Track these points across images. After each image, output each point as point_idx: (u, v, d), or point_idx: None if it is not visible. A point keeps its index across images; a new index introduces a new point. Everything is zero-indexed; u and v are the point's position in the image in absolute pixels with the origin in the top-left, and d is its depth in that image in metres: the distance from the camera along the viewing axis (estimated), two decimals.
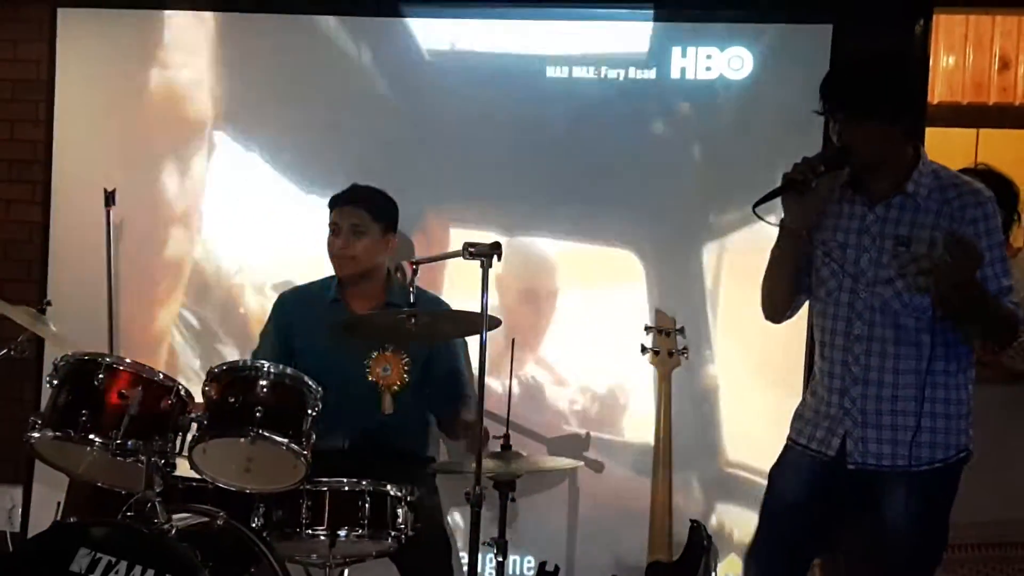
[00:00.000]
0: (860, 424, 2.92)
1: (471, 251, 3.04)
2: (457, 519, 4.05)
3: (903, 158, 2.91)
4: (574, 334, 4.16)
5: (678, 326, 3.85)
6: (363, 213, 3.71)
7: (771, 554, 3.11)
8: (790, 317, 3.12)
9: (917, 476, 2.89)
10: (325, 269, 3.81)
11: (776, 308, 3.09)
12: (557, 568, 3.57)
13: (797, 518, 3.04)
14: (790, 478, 3.06)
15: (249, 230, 4.38)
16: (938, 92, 6.20)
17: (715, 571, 3.64)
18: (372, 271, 3.75)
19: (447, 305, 3.80)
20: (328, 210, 3.78)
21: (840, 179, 2.94)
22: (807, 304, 3.10)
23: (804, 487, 3.03)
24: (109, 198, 4.26)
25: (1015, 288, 2.89)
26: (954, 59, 6.32)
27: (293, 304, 3.87)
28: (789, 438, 3.09)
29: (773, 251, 3.01)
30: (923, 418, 2.89)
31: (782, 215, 2.94)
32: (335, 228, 3.73)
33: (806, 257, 3.01)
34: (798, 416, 3.09)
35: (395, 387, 3.39)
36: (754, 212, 2.85)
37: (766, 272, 3.06)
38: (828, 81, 2.91)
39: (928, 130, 4.17)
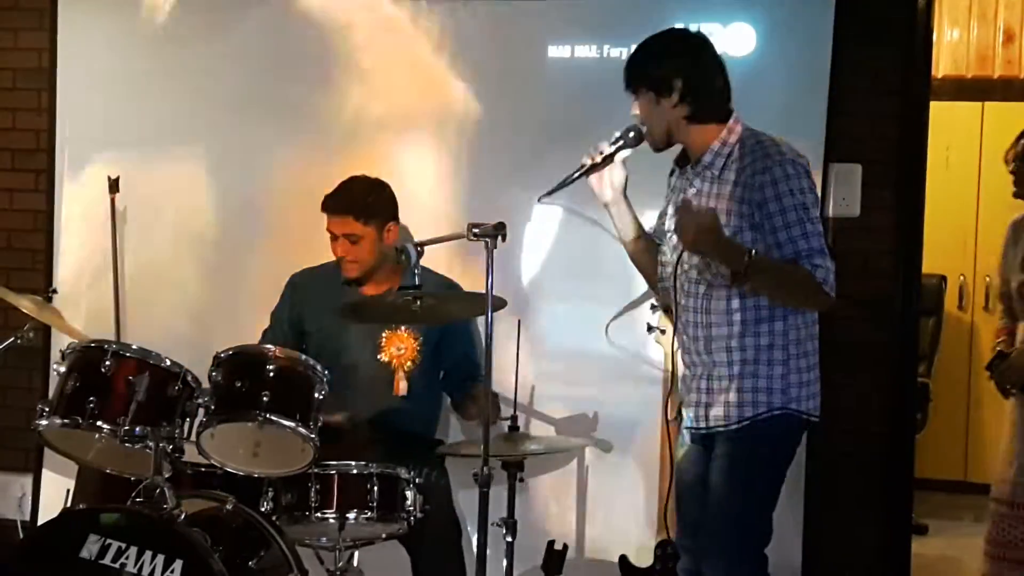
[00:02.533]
0: (691, 389, 3.08)
1: (475, 232, 3.04)
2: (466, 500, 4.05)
3: (699, 133, 3.03)
4: (581, 314, 4.15)
5: None
6: (352, 221, 3.68)
7: (691, 537, 3.16)
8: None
9: (735, 433, 2.99)
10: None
11: (650, 284, 3.28)
12: (565, 547, 3.58)
13: (698, 495, 3.11)
14: (683, 458, 3.19)
15: (259, 216, 4.37)
16: (942, 66, 6.18)
17: None
18: (379, 265, 3.74)
19: (457, 286, 3.80)
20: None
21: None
22: None
23: (692, 464, 3.14)
24: (113, 185, 4.26)
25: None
26: (958, 32, 6.31)
27: (305, 285, 3.87)
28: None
29: None
30: (732, 380, 2.98)
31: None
32: (332, 235, 3.72)
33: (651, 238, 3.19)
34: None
35: (408, 366, 3.39)
36: (539, 200, 3.10)
37: None
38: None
39: (933, 104, 4.18)
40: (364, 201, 3.70)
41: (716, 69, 3.05)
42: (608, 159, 3.10)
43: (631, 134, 3.08)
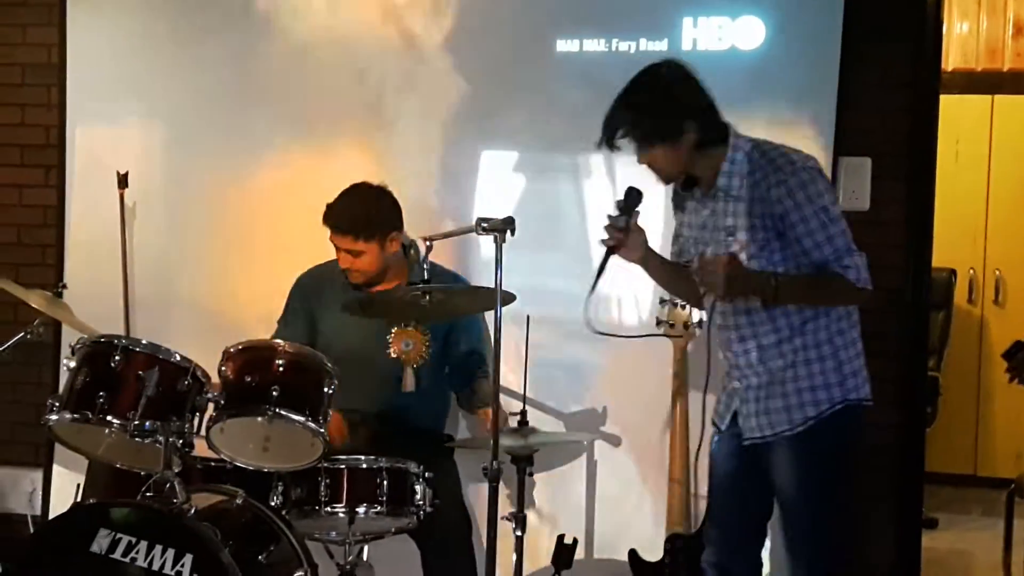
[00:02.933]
0: (745, 401, 3.08)
1: (484, 226, 3.04)
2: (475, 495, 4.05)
3: (708, 158, 3.02)
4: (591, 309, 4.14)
5: None
6: (353, 240, 3.65)
7: (722, 530, 3.19)
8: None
9: (798, 436, 3.00)
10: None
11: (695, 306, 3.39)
12: (575, 541, 3.58)
13: (735, 490, 3.15)
14: (718, 452, 3.19)
15: (266, 213, 4.37)
16: (952, 59, 6.16)
17: None
18: (384, 270, 3.73)
19: (464, 280, 3.80)
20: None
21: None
22: None
23: (731, 459, 3.15)
24: (122, 180, 4.26)
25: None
26: (968, 25, 6.29)
27: (313, 284, 3.87)
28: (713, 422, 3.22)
29: None
30: (787, 384, 3.01)
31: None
32: (336, 248, 3.70)
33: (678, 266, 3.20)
34: (717, 404, 3.21)
35: (417, 362, 3.39)
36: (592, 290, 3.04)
37: None
38: (611, 117, 3.01)
39: (943, 97, 4.17)
40: (365, 218, 3.65)
41: (705, 91, 3.04)
42: (627, 229, 3.05)
43: (635, 195, 3.05)
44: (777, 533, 3.18)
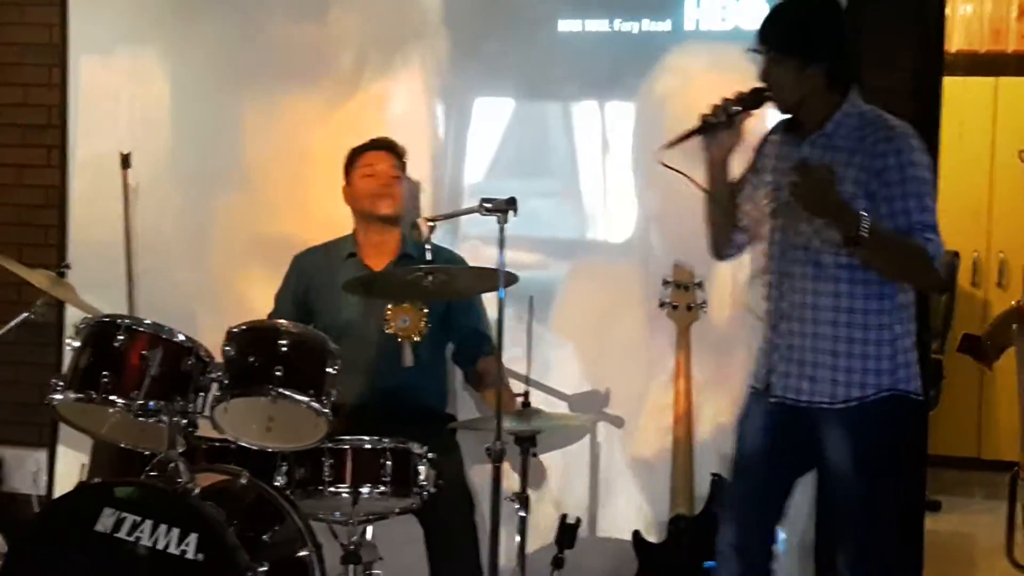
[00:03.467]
0: (785, 359, 3.00)
1: (487, 207, 3.04)
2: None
3: (826, 101, 2.98)
4: (593, 290, 4.14)
5: (697, 280, 3.84)
6: (395, 160, 3.82)
7: (744, 510, 3.14)
8: (733, 256, 3.24)
9: (843, 413, 2.94)
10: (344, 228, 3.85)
11: (714, 244, 3.21)
12: (579, 520, 3.59)
13: (762, 468, 3.10)
14: (748, 428, 3.13)
15: (271, 192, 4.37)
16: (956, 41, 6.15)
17: None
18: (398, 218, 3.79)
19: (463, 261, 3.81)
20: (346, 165, 3.83)
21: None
22: None
23: (761, 434, 3.09)
24: (125, 161, 4.25)
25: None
26: (972, 7, 6.27)
27: (309, 263, 3.89)
28: (750, 385, 3.15)
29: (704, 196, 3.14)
30: (839, 357, 2.93)
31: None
32: (371, 170, 3.78)
33: (722, 195, 3.11)
34: (755, 365, 3.14)
35: (414, 338, 3.40)
36: (662, 151, 2.99)
37: (705, 212, 3.18)
38: (765, 19, 3.02)
39: (946, 79, 4.15)
40: (400, 147, 3.85)
41: (849, 36, 3.02)
42: (730, 120, 3.00)
43: (756, 97, 2.99)
44: None
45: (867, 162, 2.89)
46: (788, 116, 3.06)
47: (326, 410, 3.15)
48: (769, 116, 3.15)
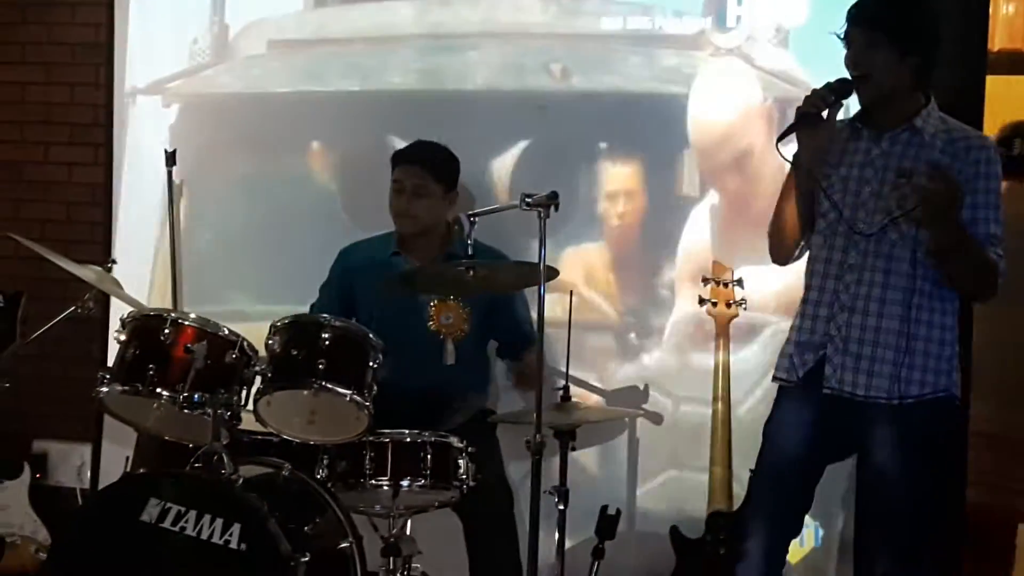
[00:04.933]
0: (841, 351, 2.97)
1: (528, 202, 3.05)
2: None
3: (913, 97, 2.98)
4: (634, 286, 4.15)
5: (736, 277, 3.85)
6: (426, 174, 3.75)
7: (777, 511, 3.12)
8: (798, 258, 3.16)
9: (898, 410, 2.91)
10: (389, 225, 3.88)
11: (784, 246, 3.13)
12: (619, 512, 3.59)
13: (796, 467, 3.07)
14: (780, 426, 3.10)
15: (312, 189, 4.40)
16: (998, 39, 6.08)
17: None
18: (432, 228, 3.78)
19: (506, 257, 3.83)
20: (391, 166, 3.84)
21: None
22: None
23: (798, 431, 3.06)
24: (170, 158, 4.30)
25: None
26: (1014, 7, 6.20)
27: (353, 258, 3.91)
28: (776, 379, 3.11)
29: (785, 188, 3.08)
30: (902, 353, 2.91)
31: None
32: (399, 186, 3.77)
33: (812, 193, 3.05)
34: (782, 355, 3.11)
35: (457, 335, 3.42)
36: (777, 149, 2.93)
37: (775, 212, 3.12)
38: (857, 3, 2.98)
39: (989, 79, 4.13)
40: (438, 159, 3.78)
41: (940, 35, 3.01)
42: (826, 111, 2.95)
43: (846, 87, 2.95)
44: None
45: (958, 165, 2.88)
46: (856, 112, 3.02)
47: (368, 403, 3.18)
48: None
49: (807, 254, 3.12)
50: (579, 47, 4.21)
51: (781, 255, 3.16)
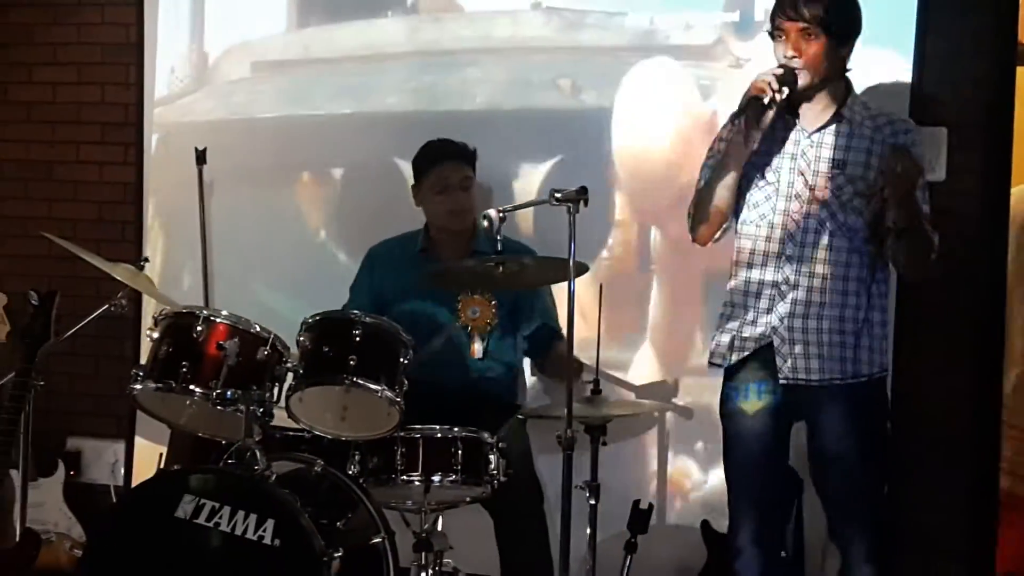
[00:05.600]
0: (788, 341, 3.02)
1: (557, 197, 3.05)
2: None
3: (839, 87, 3.03)
4: (660, 281, 4.15)
5: None
6: (466, 167, 3.79)
7: (762, 502, 3.12)
8: (716, 240, 3.19)
9: (848, 388, 3.00)
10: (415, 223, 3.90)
11: (710, 225, 3.13)
12: (651, 506, 3.59)
13: (770, 454, 3.10)
14: (741, 416, 3.10)
15: (341, 188, 4.42)
16: None
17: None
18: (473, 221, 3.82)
19: (533, 253, 3.83)
20: (417, 168, 3.85)
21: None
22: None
23: (761, 419, 3.07)
24: (200, 157, 4.33)
25: None
26: None
27: (383, 257, 3.93)
28: (713, 364, 3.15)
29: (714, 166, 3.09)
30: (847, 335, 2.99)
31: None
32: (445, 184, 3.77)
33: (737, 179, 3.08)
34: (718, 342, 3.13)
35: (485, 330, 3.44)
36: (733, 118, 3.00)
37: (700, 190, 3.13)
38: None
39: (1020, 70, 4.10)
40: (468, 150, 3.82)
41: None
42: (770, 99, 2.96)
43: (790, 76, 2.96)
44: None
45: (887, 152, 2.95)
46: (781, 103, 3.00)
47: (399, 399, 3.19)
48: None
49: (738, 243, 3.14)
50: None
51: (704, 235, 3.17)
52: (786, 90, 2.95)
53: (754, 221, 3.08)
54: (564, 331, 3.20)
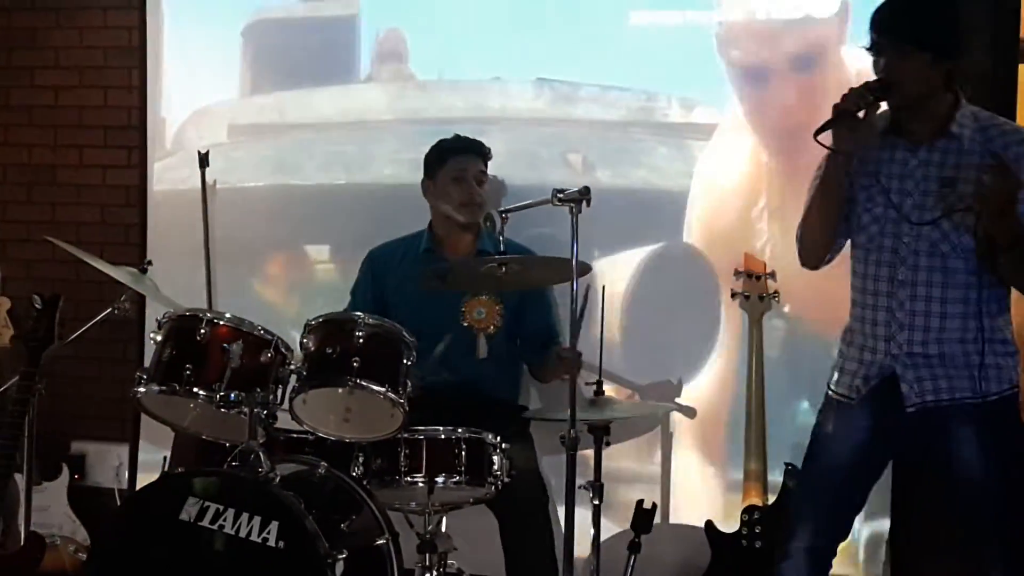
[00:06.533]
0: (911, 366, 2.92)
1: (560, 197, 3.06)
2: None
3: (944, 100, 2.92)
4: (664, 280, 4.15)
5: (769, 270, 3.84)
6: (482, 162, 3.83)
7: (824, 518, 3.07)
8: (828, 262, 3.09)
9: (982, 407, 2.89)
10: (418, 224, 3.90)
11: (816, 248, 3.04)
12: (655, 506, 3.59)
13: (849, 479, 3.04)
14: (834, 440, 3.04)
15: (344, 189, 4.42)
16: None
17: None
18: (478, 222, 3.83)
19: (534, 254, 3.83)
20: (432, 160, 3.87)
21: (882, 117, 2.92)
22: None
23: (855, 447, 3.01)
24: (203, 160, 4.33)
25: None
26: None
27: (384, 258, 3.94)
28: (835, 394, 3.05)
29: (817, 186, 3.00)
30: (971, 356, 2.88)
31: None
32: (462, 174, 3.80)
33: (846, 200, 2.99)
34: (839, 370, 3.06)
35: (489, 330, 3.43)
36: (816, 139, 2.86)
37: (805, 212, 3.04)
38: (881, 11, 2.91)
39: (1022, 67, 4.09)
40: (485, 148, 3.87)
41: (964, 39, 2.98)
42: (865, 110, 2.88)
43: (885, 88, 2.87)
44: None
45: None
46: (887, 123, 2.96)
47: (402, 401, 3.19)
48: None
49: (852, 269, 3.06)
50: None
51: (813, 258, 3.08)
52: (882, 104, 2.88)
53: (862, 245, 3.00)
54: (564, 335, 3.20)
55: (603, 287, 3.56)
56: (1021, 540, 2.91)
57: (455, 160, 3.82)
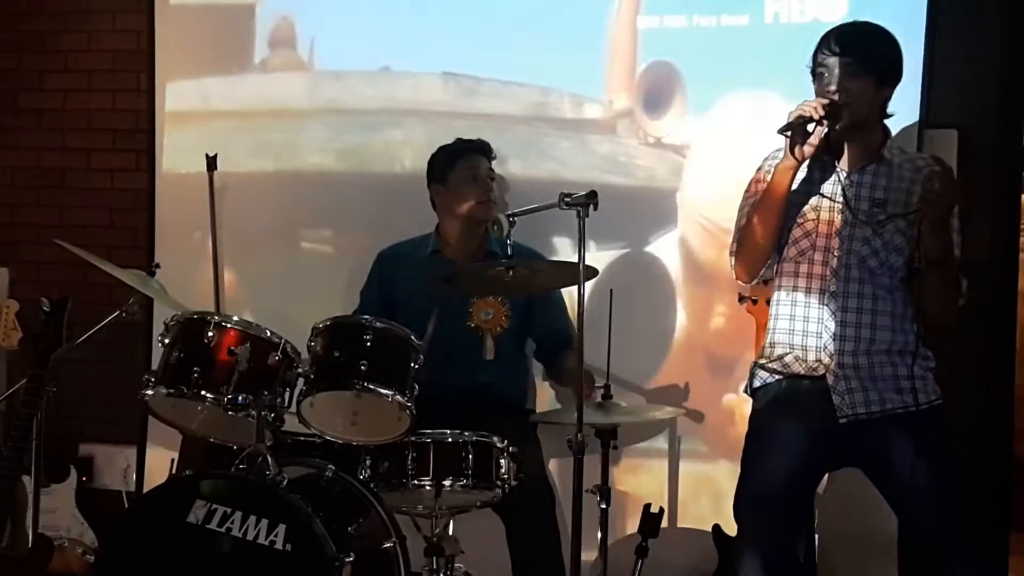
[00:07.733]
0: (842, 378, 2.97)
1: (567, 201, 3.06)
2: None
3: (877, 128, 3.03)
4: (670, 283, 4.15)
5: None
6: (487, 160, 3.86)
7: (777, 534, 3.06)
8: (764, 278, 3.14)
9: (915, 415, 2.95)
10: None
11: (756, 261, 3.08)
12: (662, 510, 3.59)
13: (792, 488, 3.04)
14: (776, 453, 3.04)
15: (349, 195, 4.43)
16: None
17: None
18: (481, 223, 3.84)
19: (543, 257, 3.84)
20: (440, 166, 3.88)
21: (816, 136, 2.96)
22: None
23: (791, 460, 3.03)
24: (211, 163, 4.34)
25: None
26: None
27: (393, 260, 3.95)
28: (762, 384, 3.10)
29: (761, 196, 3.04)
30: (901, 367, 2.96)
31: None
32: (474, 172, 3.82)
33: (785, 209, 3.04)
34: (758, 377, 3.11)
35: (496, 331, 3.44)
36: (783, 134, 2.93)
37: (744, 228, 3.08)
38: (840, 32, 3.01)
39: None
40: (491, 149, 3.90)
41: None
42: (813, 126, 2.93)
43: (834, 109, 2.93)
44: None
45: (919, 190, 2.93)
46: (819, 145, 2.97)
47: (410, 404, 3.19)
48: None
49: (779, 281, 3.10)
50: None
51: (750, 272, 3.12)
52: (828, 123, 2.92)
53: (791, 258, 3.05)
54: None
55: (611, 291, 3.54)
56: (975, 538, 2.96)
57: (465, 160, 3.83)
